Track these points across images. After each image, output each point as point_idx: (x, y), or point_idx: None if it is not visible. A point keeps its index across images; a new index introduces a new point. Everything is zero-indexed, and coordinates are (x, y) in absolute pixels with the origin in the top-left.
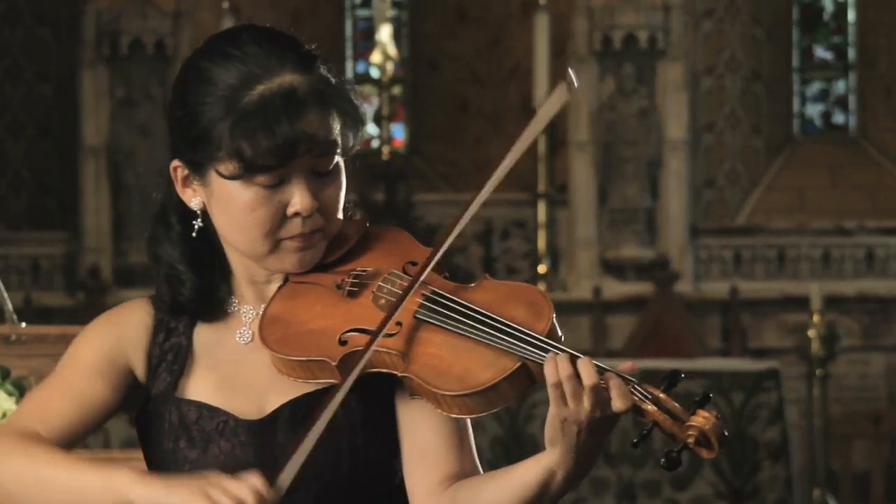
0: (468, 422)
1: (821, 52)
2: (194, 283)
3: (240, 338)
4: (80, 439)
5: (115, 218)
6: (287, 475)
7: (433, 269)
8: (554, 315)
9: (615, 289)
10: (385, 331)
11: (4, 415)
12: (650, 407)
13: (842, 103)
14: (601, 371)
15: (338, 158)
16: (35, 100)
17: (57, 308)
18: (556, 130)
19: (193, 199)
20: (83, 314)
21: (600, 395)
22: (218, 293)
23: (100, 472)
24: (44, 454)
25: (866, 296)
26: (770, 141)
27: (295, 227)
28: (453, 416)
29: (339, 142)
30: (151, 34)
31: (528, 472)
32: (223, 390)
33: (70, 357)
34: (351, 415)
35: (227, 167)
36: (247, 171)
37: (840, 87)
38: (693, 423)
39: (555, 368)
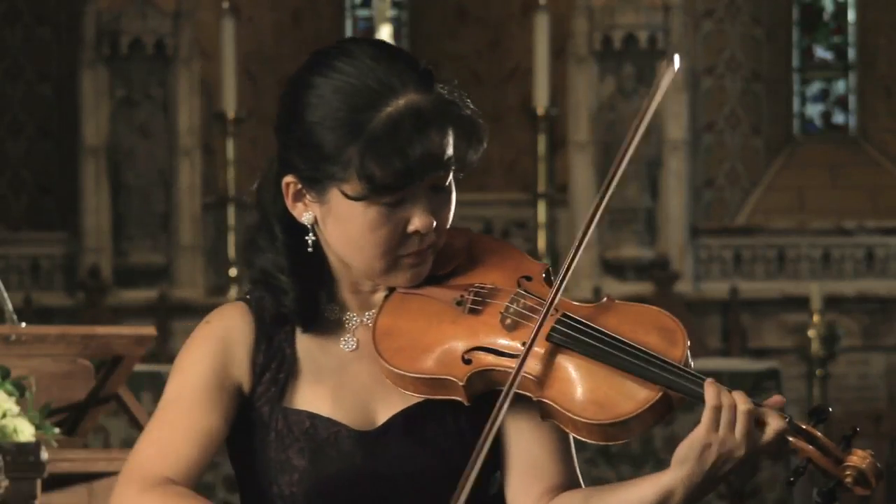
0: (571, 434)
1: (821, 52)
2: (297, 294)
3: (344, 345)
4: (203, 473)
5: (115, 218)
6: None
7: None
8: (689, 342)
9: (615, 289)
10: (516, 353)
11: (4, 415)
12: (804, 444)
13: (842, 103)
14: (756, 404)
15: (452, 175)
16: (35, 100)
17: (57, 308)
18: (556, 130)
19: (305, 213)
20: (83, 314)
21: (753, 426)
22: (319, 302)
23: None
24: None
25: (866, 296)
26: (770, 141)
27: (412, 244)
28: (590, 441)
29: (457, 158)
30: (151, 34)
31: (646, 491)
32: (331, 399)
33: (179, 385)
34: (460, 422)
35: (354, 188)
36: (374, 193)
37: (840, 87)
38: (850, 463)
39: (717, 394)
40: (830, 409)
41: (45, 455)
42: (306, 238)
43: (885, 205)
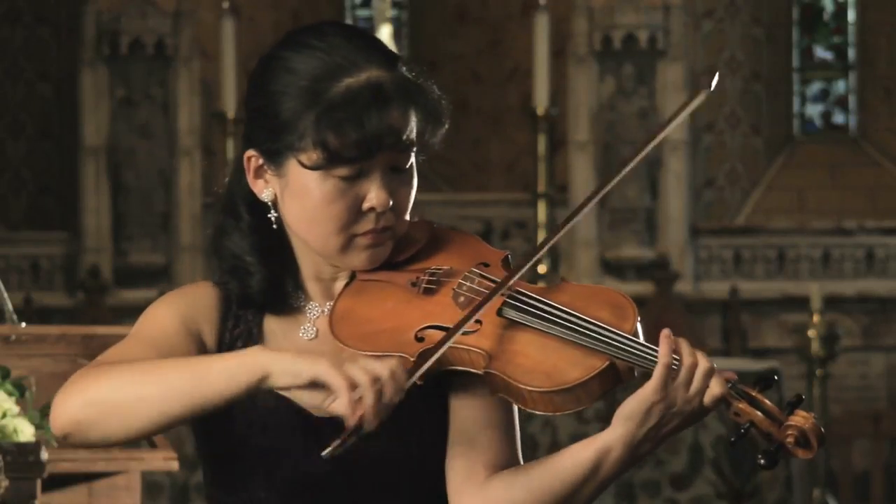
0: (516, 415)
1: (821, 52)
2: (263, 275)
3: (304, 333)
4: None
5: (115, 218)
6: (420, 371)
7: (515, 273)
8: (639, 317)
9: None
10: (470, 330)
11: (4, 415)
12: (747, 406)
13: (842, 103)
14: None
15: (413, 158)
16: (35, 100)
17: (57, 308)
18: (556, 130)
19: (265, 190)
20: (83, 314)
21: (705, 384)
22: (285, 287)
23: (223, 358)
24: (147, 363)
25: (866, 296)
26: (770, 141)
27: (368, 222)
28: (538, 412)
29: (417, 140)
30: (151, 34)
31: (582, 453)
32: None
33: (145, 322)
34: (418, 409)
35: (310, 157)
36: (330, 163)
37: (840, 87)
38: (792, 423)
39: (670, 352)
40: (777, 378)
41: (45, 455)
42: (269, 216)
43: (885, 205)
